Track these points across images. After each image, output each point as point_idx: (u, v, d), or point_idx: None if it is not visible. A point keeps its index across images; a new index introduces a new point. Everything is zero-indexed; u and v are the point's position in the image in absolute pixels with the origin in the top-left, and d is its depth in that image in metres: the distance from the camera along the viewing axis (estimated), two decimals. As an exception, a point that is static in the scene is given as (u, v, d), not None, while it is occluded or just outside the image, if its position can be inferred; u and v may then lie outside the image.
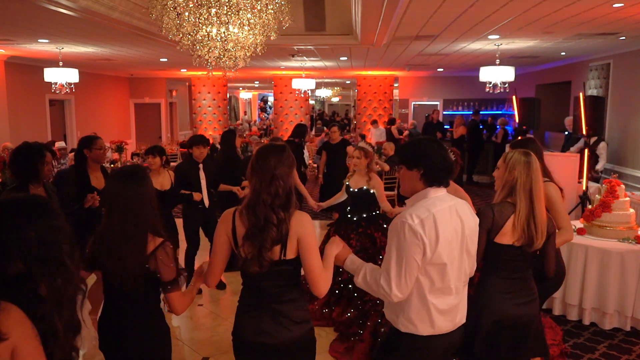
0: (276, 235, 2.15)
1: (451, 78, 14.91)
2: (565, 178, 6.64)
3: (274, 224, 2.15)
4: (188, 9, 4.01)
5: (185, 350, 4.27)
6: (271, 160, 2.20)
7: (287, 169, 2.22)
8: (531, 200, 2.60)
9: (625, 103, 8.78)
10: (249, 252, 2.17)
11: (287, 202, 2.20)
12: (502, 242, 2.62)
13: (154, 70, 14.08)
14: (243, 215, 2.21)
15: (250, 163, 2.26)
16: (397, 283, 2.13)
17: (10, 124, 10.06)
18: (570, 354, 4.06)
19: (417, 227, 2.10)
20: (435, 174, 2.20)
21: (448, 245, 2.16)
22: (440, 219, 2.15)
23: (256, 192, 2.19)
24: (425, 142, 2.28)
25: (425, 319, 2.20)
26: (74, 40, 7.93)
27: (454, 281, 2.22)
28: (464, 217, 2.25)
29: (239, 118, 26.11)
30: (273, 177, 2.17)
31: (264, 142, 12.93)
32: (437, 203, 2.19)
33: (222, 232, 2.26)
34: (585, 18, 6.08)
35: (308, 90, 13.50)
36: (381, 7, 5.31)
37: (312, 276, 2.19)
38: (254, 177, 2.21)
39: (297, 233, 2.18)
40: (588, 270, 4.53)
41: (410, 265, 2.12)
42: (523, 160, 2.64)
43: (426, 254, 2.12)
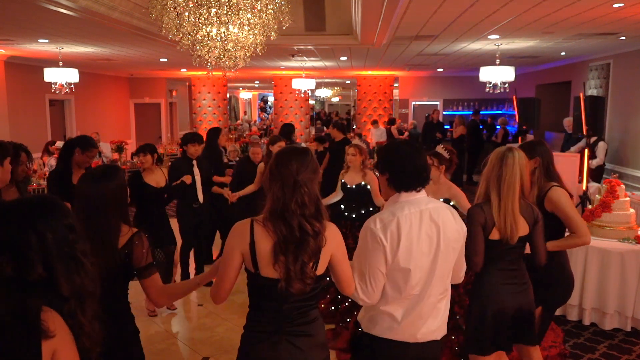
0: (315, 248, 1.95)
1: (451, 78, 14.91)
2: (566, 178, 6.64)
3: (311, 234, 1.94)
4: (188, 9, 4.01)
5: (185, 350, 4.27)
6: (292, 164, 1.98)
7: (312, 174, 2.02)
8: (499, 194, 2.65)
9: (625, 103, 8.78)
10: (285, 267, 1.92)
11: (317, 211, 1.99)
12: (493, 238, 2.69)
13: (154, 70, 14.08)
14: (267, 227, 1.95)
15: (269, 168, 2.05)
16: (362, 289, 2.10)
17: (10, 124, 10.06)
18: (570, 354, 4.06)
19: (378, 231, 2.06)
20: (400, 179, 2.14)
21: (414, 250, 2.07)
22: (405, 222, 2.07)
23: (279, 201, 1.96)
24: (393, 147, 2.24)
25: (384, 322, 2.14)
26: (74, 40, 7.93)
27: (421, 288, 2.11)
28: (440, 221, 2.13)
29: (239, 118, 26.11)
30: (296, 183, 1.95)
31: (264, 142, 12.92)
32: (406, 207, 2.11)
33: (236, 249, 1.99)
34: (585, 18, 6.08)
35: (308, 90, 13.51)
36: (381, 7, 5.31)
37: (346, 284, 2.10)
38: (274, 184, 1.99)
39: (331, 248, 2.01)
40: (588, 270, 4.53)
41: (374, 272, 2.07)
42: (499, 157, 2.69)
43: (387, 259, 2.06)
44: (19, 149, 3.58)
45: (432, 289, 2.14)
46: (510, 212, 2.64)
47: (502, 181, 2.66)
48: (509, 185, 2.65)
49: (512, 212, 2.64)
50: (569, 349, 4.14)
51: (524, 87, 13.06)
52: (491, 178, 2.70)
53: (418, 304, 2.13)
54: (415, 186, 2.14)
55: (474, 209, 2.72)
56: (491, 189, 2.69)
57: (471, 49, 9.06)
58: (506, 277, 2.74)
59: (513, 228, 2.65)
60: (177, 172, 5.21)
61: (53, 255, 1.59)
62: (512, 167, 2.65)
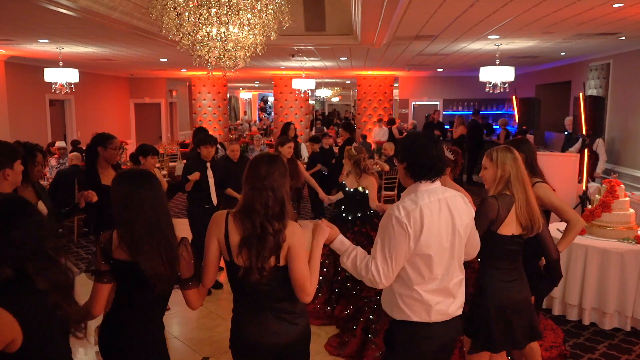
0: (274, 245, 2.16)
1: (451, 78, 14.91)
2: (565, 178, 6.65)
3: (270, 233, 2.15)
4: (188, 9, 4.01)
5: (185, 350, 4.27)
6: (261, 169, 2.21)
7: (280, 178, 2.22)
8: (525, 189, 2.76)
9: (625, 103, 8.78)
10: (247, 260, 2.15)
11: (280, 212, 2.19)
12: (504, 233, 2.74)
13: (154, 70, 14.08)
14: (237, 220, 2.20)
15: (245, 171, 2.27)
16: (384, 271, 2.21)
17: (11, 124, 10.06)
18: (570, 354, 4.06)
19: (403, 218, 2.18)
20: (417, 169, 2.27)
21: (434, 237, 2.21)
22: (426, 211, 2.21)
23: (248, 199, 2.20)
24: (413, 138, 2.34)
25: (417, 307, 2.26)
26: (74, 40, 7.93)
27: (443, 272, 2.27)
28: (454, 210, 2.29)
29: (239, 118, 26.10)
30: (262, 187, 2.17)
31: (264, 141, 12.92)
32: (426, 196, 2.25)
33: (213, 236, 2.24)
34: (585, 18, 6.08)
35: (308, 90, 13.50)
36: (381, 7, 5.31)
37: (298, 283, 2.19)
38: (246, 184, 2.23)
39: (288, 243, 2.20)
40: (588, 270, 4.54)
41: (398, 255, 2.20)
42: (510, 155, 2.80)
43: (411, 244, 2.19)
44: (35, 150, 3.58)
45: (455, 271, 2.32)
46: (535, 206, 2.77)
47: (523, 177, 2.78)
48: (526, 179, 2.78)
49: (535, 206, 2.77)
50: (569, 348, 4.14)
51: (524, 87, 13.06)
52: (511, 176, 2.77)
53: (444, 285, 2.28)
54: (431, 176, 2.27)
55: (489, 201, 2.75)
56: (515, 186, 2.76)
57: (471, 49, 9.06)
58: (510, 274, 2.81)
59: (537, 221, 2.76)
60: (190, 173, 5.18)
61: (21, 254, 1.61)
62: (521, 162, 2.81)
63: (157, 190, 2.21)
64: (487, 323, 2.76)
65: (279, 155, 2.36)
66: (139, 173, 2.27)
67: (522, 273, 2.87)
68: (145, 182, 2.19)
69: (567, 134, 9.21)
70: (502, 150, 2.84)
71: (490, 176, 2.85)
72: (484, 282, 2.82)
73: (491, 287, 2.78)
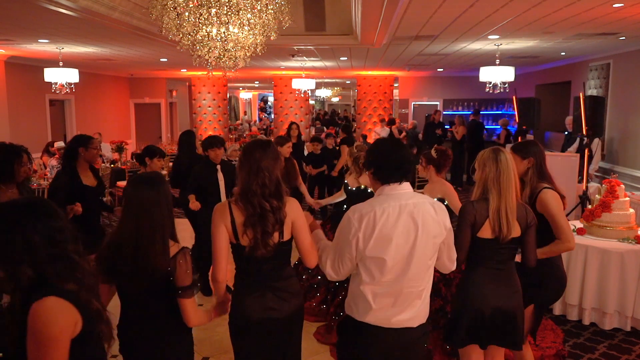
0: (275, 221, 2.37)
1: (451, 78, 14.90)
2: (565, 178, 6.65)
3: (269, 210, 2.36)
4: (188, 9, 4.01)
5: (185, 350, 4.27)
6: (256, 153, 2.42)
7: (272, 161, 2.43)
8: (499, 192, 2.69)
9: (625, 103, 8.78)
10: (252, 237, 2.36)
11: (277, 190, 2.41)
12: (483, 237, 2.72)
13: (154, 70, 14.08)
14: (239, 205, 2.40)
15: (239, 159, 2.48)
16: (331, 264, 2.33)
17: (11, 124, 10.06)
18: (570, 354, 4.06)
19: (354, 220, 2.23)
20: (381, 172, 2.32)
21: (386, 241, 2.20)
22: (380, 215, 2.21)
23: (245, 184, 2.39)
24: (377, 144, 2.44)
25: (362, 305, 2.29)
26: (74, 40, 7.93)
27: (393, 278, 2.23)
28: (418, 217, 2.23)
29: (239, 118, 26.10)
30: (259, 168, 2.38)
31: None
32: (386, 201, 2.25)
33: (220, 223, 2.39)
34: (585, 18, 6.08)
35: (308, 90, 13.50)
36: (381, 7, 5.31)
37: (305, 251, 2.48)
38: (242, 170, 2.42)
39: (291, 218, 2.44)
40: (588, 270, 4.53)
41: (343, 253, 2.27)
42: (491, 157, 2.75)
43: (359, 246, 2.22)
44: (20, 150, 3.59)
45: (409, 281, 2.25)
46: (505, 211, 2.67)
47: (501, 180, 2.70)
48: (508, 183, 2.69)
49: (508, 211, 2.68)
50: (569, 348, 4.14)
51: (524, 87, 13.05)
52: (488, 179, 2.73)
53: (393, 292, 2.25)
54: (395, 179, 2.28)
55: (465, 206, 2.77)
56: (490, 188, 2.72)
57: (471, 49, 9.06)
58: (492, 276, 2.75)
59: (508, 227, 2.68)
60: (198, 179, 5.07)
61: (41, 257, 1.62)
62: (506, 165, 2.72)
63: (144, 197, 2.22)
64: (454, 318, 2.80)
65: (270, 140, 2.57)
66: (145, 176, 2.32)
67: (508, 279, 2.77)
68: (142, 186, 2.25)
69: (568, 134, 9.21)
70: (487, 151, 2.80)
71: (476, 177, 2.86)
72: (463, 283, 2.85)
73: (467, 287, 2.78)
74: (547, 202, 3.06)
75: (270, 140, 2.56)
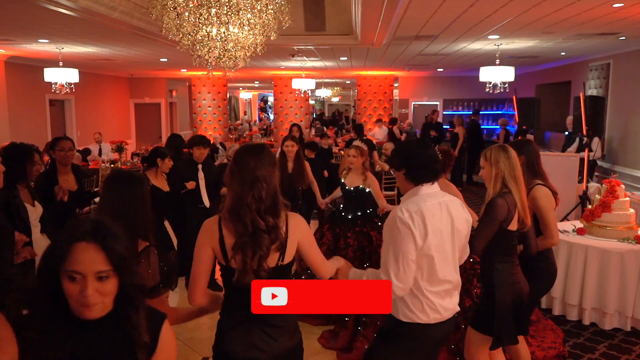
0: (271, 241, 2.03)
1: (451, 78, 14.90)
2: (566, 178, 6.65)
3: (264, 230, 2.02)
4: (188, 9, 4.02)
5: (185, 350, 4.27)
6: (250, 160, 2.07)
7: (269, 168, 2.09)
8: (517, 185, 2.87)
9: (625, 103, 8.78)
10: (241, 262, 2.01)
11: (274, 205, 2.06)
12: (511, 229, 2.87)
13: (154, 70, 14.08)
14: (228, 223, 2.05)
15: (229, 166, 2.13)
16: (396, 275, 2.23)
17: (10, 124, 10.06)
18: (570, 354, 4.06)
19: (407, 219, 2.25)
20: (416, 173, 2.36)
21: (436, 238, 2.29)
22: (428, 213, 2.28)
23: (237, 197, 2.05)
24: (406, 145, 2.51)
25: (421, 309, 2.34)
26: (74, 40, 7.93)
27: (443, 272, 2.34)
28: (454, 213, 2.38)
29: (239, 118, 26.11)
30: (255, 178, 2.04)
31: (264, 141, 12.91)
32: (427, 199, 2.33)
33: (206, 244, 2.09)
34: (585, 18, 6.08)
35: (308, 90, 13.50)
36: (381, 7, 5.31)
37: (318, 267, 2.24)
38: (234, 180, 2.08)
39: (296, 238, 2.12)
40: (588, 270, 4.53)
41: (406, 257, 2.24)
42: (503, 154, 2.91)
43: (417, 244, 2.25)
44: (32, 150, 3.61)
45: (453, 273, 2.40)
46: (524, 202, 2.88)
47: (516, 174, 2.88)
48: (520, 176, 2.89)
49: (525, 202, 2.89)
50: (569, 348, 4.14)
51: (524, 87, 13.05)
52: (505, 174, 2.87)
53: (445, 287, 2.37)
54: (430, 178, 2.36)
55: (497, 201, 2.84)
56: (509, 182, 2.87)
57: (471, 49, 9.06)
58: (516, 267, 2.93)
59: (528, 215, 2.89)
60: (180, 174, 5.13)
61: None
62: (516, 160, 2.91)
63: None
64: (505, 318, 2.82)
65: (264, 144, 2.26)
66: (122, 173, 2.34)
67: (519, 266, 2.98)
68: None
69: (568, 134, 9.22)
70: (495, 149, 2.95)
71: (487, 174, 2.96)
72: (495, 277, 2.86)
73: (504, 281, 2.86)
74: (538, 198, 3.22)
75: (264, 145, 2.23)
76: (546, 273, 3.29)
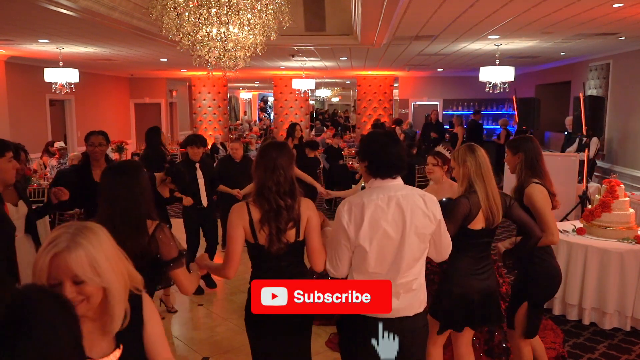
0: (289, 218, 2.42)
1: (451, 78, 14.90)
2: (566, 178, 6.65)
3: (284, 207, 2.42)
4: (188, 9, 4.02)
5: (185, 350, 4.27)
6: (272, 152, 2.48)
7: (288, 160, 2.49)
8: (484, 182, 2.89)
9: (625, 103, 8.78)
10: (268, 233, 2.41)
11: (291, 189, 2.46)
12: (474, 228, 2.88)
13: (154, 70, 14.08)
14: (256, 204, 2.45)
15: (255, 159, 2.54)
16: (329, 261, 2.42)
17: (11, 124, 10.06)
18: (570, 354, 4.06)
19: (344, 212, 2.31)
20: (376, 168, 2.36)
21: (374, 232, 2.27)
22: (369, 207, 2.28)
23: (261, 181, 2.45)
24: (372, 137, 2.46)
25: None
26: (74, 40, 7.93)
27: (385, 269, 2.31)
28: (408, 208, 2.30)
29: (239, 118, 26.11)
30: (275, 166, 2.44)
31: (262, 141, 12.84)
32: (375, 193, 2.33)
33: (238, 224, 2.44)
34: (585, 18, 6.08)
35: (308, 90, 13.50)
36: (381, 7, 5.32)
37: (313, 252, 2.49)
38: (258, 169, 2.48)
39: (306, 216, 2.48)
40: (588, 270, 4.54)
41: (338, 246, 2.35)
42: (469, 152, 2.94)
43: (349, 237, 2.30)
44: (18, 149, 3.57)
45: (403, 271, 2.32)
46: (493, 198, 2.89)
47: (482, 171, 2.89)
48: (489, 173, 2.91)
49: (495, 198, 2.90)
50: (569, 348, 4.14)
51: (524, 87, 13.06)
52: (471, 172, 2.91)
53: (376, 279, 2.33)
54: (390, 174, 2.35)
55: (460, 200, 2.90)
56: (475, 181, 2.90)
57: (471, 49, 9.06)
58: (475, 264, 2.94)
59: (498, 213, 2.90)
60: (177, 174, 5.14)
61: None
62: (483, 157, 2.93)
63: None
64: (450, 309, 2.92)
65: (287, 142, 2.61)
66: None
67: (487, 264, 2.98)
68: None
69: (567, 134, 9.22)
70: (463, 148, 3.00)
71: (456, 174, 3.02)
72: (449, 271, 2.97)
73: (456, 275, 2.93)
74: (533, 196, 3.17)
75: (286, 142, 2.65)
76: (543, 276, 3.19)
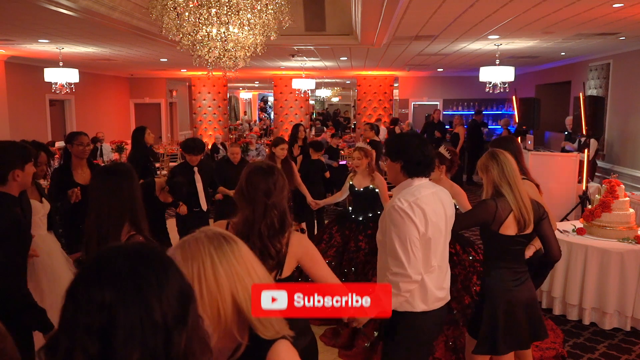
0: (274, 266, 2.09)
1: (451, 78, 14.90)
2: (566, 178, 6.65)
3: (272, 255, 2.08)
4: (188, 9, 4.02)
5: (185, 350, 4.26)
6: (262, 186, 2.10)
7: (280, 193, 2.15)
8: (512, 188, 2.81)
9: (625, 103, 8.78)
10: None
11: (282, 228, 2.12)
12: (507, 234, 2.78)
13: (154, 70, 14.08)
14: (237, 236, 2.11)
15: (239, 186, 2.17)
16: (408, 262, 2.29)
17: (11, 124, 10.06)
18: (570, 354, 4.06)
19: (406, 209, 2.32)
20: (413, 167, 2.42)
21: (433, 226, 2.39)
22: (425, 202, 2.37)
23: (249, 222, 2.09)
24: (407, 137, 2.53)
25: (418, 297, 2.41)
26: (74, 40, 7.93)
27: (437, 259, 2.44)
28: (445, 202, 2.50)
29: (239, 118, 26.11)
30: (266, 207, 2.09)
31: (264, 141, 12.87)
32: (421, 189, 2.42)
33: None
34: (585, 18, 6.08)
35: (308, 90, 13.49)
36: (381, 7, 5.31)
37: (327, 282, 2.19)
38: (245, 205, 2.12)
39: (296, 255, 2.14)
40: (588, 270, 4.53)
41: (413, 243, 2.32)
42: (490, 159, 2.90)
43: (420, 231, 2.33)
44: (39, 149, 3.62)
45: (446, 260, 2.53)
46: (526, 202, 2.79)
47: (507, 174, 2.82)
48: (515, 177, 2.82)
49: (525, 201, 2.79)
50: (569, 348, 4.14)
51: (524, 87, 13.05)
52: (495, 177, 2.83)
53: (439, 273, 2.47)
54: (425, 173, 2.46)
55: (488, 201, 2.81)
56: (501, 185, 2.81)
57: (471, 49, 9.06)
58: (514, 273, 2.82)
59: (529, 217, 2.78)
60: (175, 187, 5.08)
61: None
62: (509, 161, 2.85)
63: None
64: (494, 326, 2.75)
65: (274, 165, 2.25)
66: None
67: (527, 272, 2.87)
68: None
69: (567, 134, 9.22)
70: (485, 156, 2.95)
71: (484, 182, 2.95)
72: (489, 283, 2.83)
73: (497, 288, 2.80)
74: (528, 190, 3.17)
75: (274, 166, 2.23)
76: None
